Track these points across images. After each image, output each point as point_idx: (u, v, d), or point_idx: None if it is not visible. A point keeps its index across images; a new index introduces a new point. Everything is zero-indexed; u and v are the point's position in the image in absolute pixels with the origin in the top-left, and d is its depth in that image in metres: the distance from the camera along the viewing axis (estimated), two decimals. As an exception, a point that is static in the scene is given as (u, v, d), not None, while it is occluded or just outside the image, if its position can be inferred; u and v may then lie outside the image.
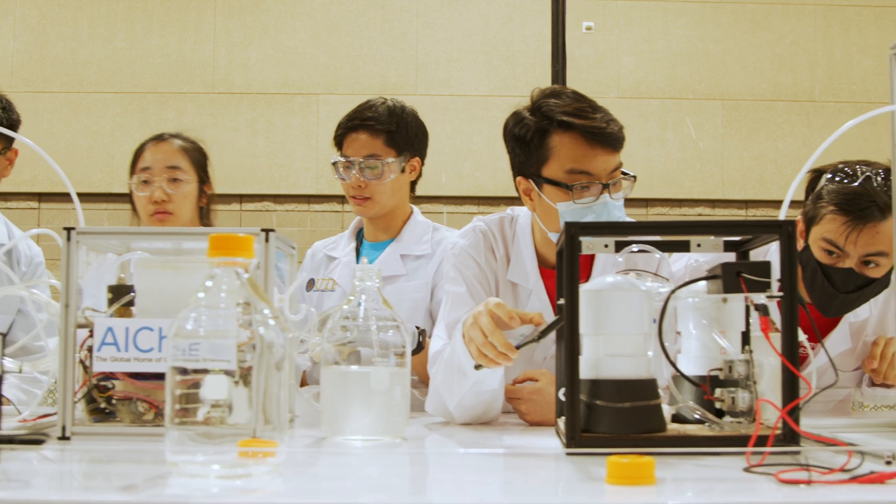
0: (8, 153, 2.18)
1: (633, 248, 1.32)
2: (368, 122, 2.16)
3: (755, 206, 4.69)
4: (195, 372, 1.05)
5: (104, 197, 4.54)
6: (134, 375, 1.37)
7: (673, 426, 1.33)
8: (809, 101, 4.70)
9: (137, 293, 1.40)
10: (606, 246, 1.34)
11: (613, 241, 1.35)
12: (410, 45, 4.73)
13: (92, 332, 1.36)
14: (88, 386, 1.38)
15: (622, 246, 1.35)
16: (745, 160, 4.69)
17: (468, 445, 1.43)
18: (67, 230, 1.36)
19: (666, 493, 0.99)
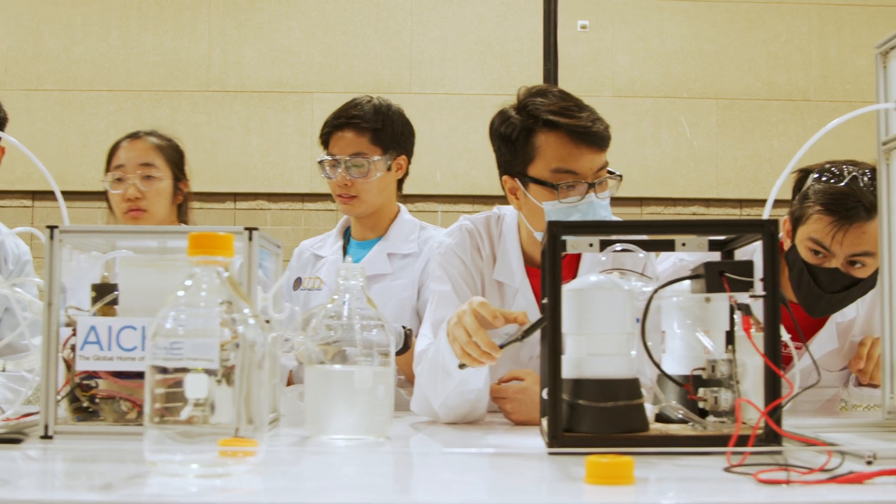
0: None
1: (616, 247, 1.32)
2: (354, 120, 2.16)
3: (749, 205, 4.69)
4: (176, 371, 1.05)
5: (98, 195, 4.51)
6: (117, 374, 1.36)
7: (656, 426, 1.32)
8: (804, 100, 4.70)
9: (121, 292, 1.40)
10: (591, 245, 1.34)
11: (598, 240, 1.34)
12: (405, 43, 4.72)
13: (75, 330, 1.36)
14: (71, 385, 1.38)
15: (607, 245, 1.35)
16: (739, 159, 4.69)
17: (452, 445, 1.43)
18: (50, 228, 1.36)
19: (644, 492, 0.98)
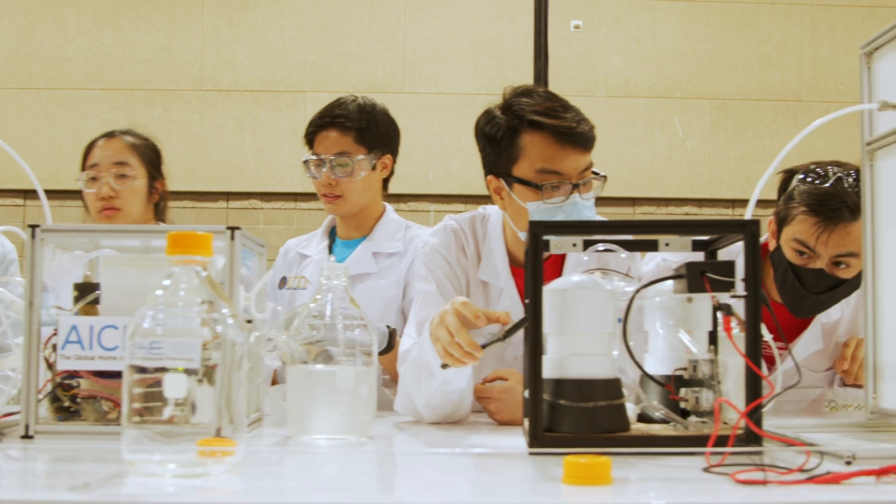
0: None
1: (599, 247, 1.31)
2: (338, 119, 2.16)
3: (742, 205, 4.69)
4: (156, 371, 1.05)
5: (90, 194, 4.53)
6: (98, 374, 1.36)
7: (638, 426, 1.32)
8: (797, 100, 4.70)
9: (102, 291, 1.40)
10: (574, 245, 1.34)
11: (581, 240, 1.34)
12: (398, 42, 4.72)
13: (57, 329, 1.36)
14: (53, 384, 1.37)
15: (591, 245, 1.34)
16: (732, 159, 4.69)
17: (435, 445, 1.42)
18: (32, 228, 1.35)
19: (621, 493, 0.98)
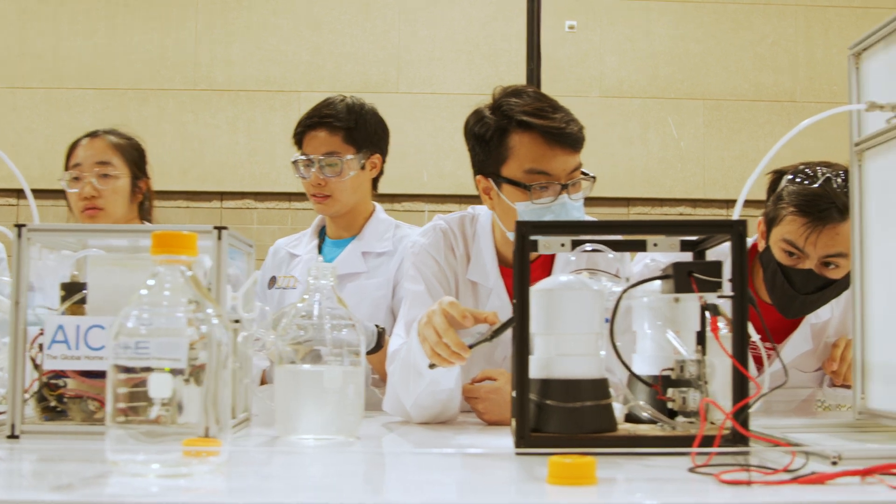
0: None
1: (587, 247, 1.31)
2: (327, 119, 2.16)
3: (743, 205, 4.69)
4: (141, 370, 1.05)
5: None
6: (85, 374, 1.36)
7: (625, 426, 1.32)
8: (790, 101, 4.71)
9: (89, 290, 1.39)
10: (563, 245, 1.34)
11: (570, 240, 1.34)
12: (393, 43, 4.72)
13: (43, 329, 1.35)
14: (39, 384, 1.37)
15: (579, 245, 1.34)
16: (726, 160, 4.70)
17: (423, 445, 1.42)
18: (18, 227, 1.35)
19: (606, 493, 0.98)
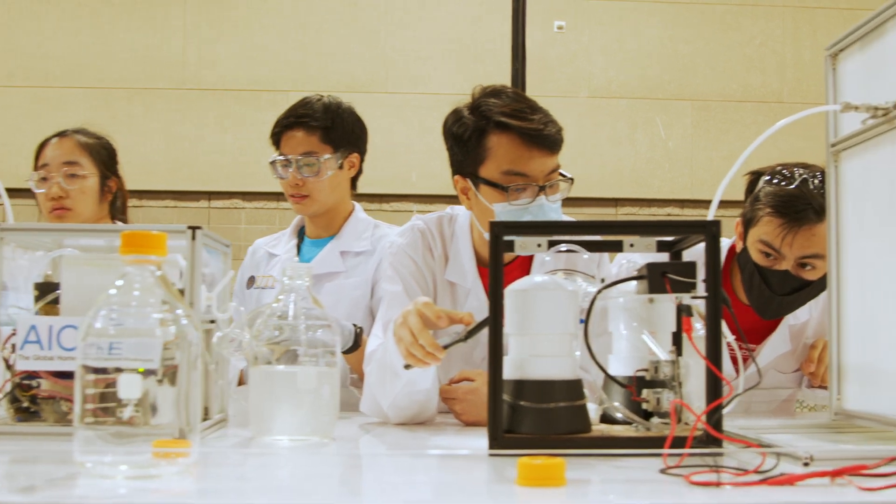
0: None
1: (560, 247, 1.31)
2: (303, 119, 2.15)
3: (724, 206, 4.61)
4: (112, 371, 1.04)
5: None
6: (58, 374, 1.35)
7: (600, 426, 1.32)
8: (778, 102, 4.72)
9: (63, 290, 1.38)
10: (539, 246, 1.34)
11: (546, 240, 1.34)
12: (380, 42, 4.71)
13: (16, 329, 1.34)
14: (12, 384, 1.36)
15: (555, 246, 1.34)
16: (714, 160, 4.70)
17: (400, 446, 1.41)
18: (-9, 226, 1.35)
19: (574, 494, 0.98)
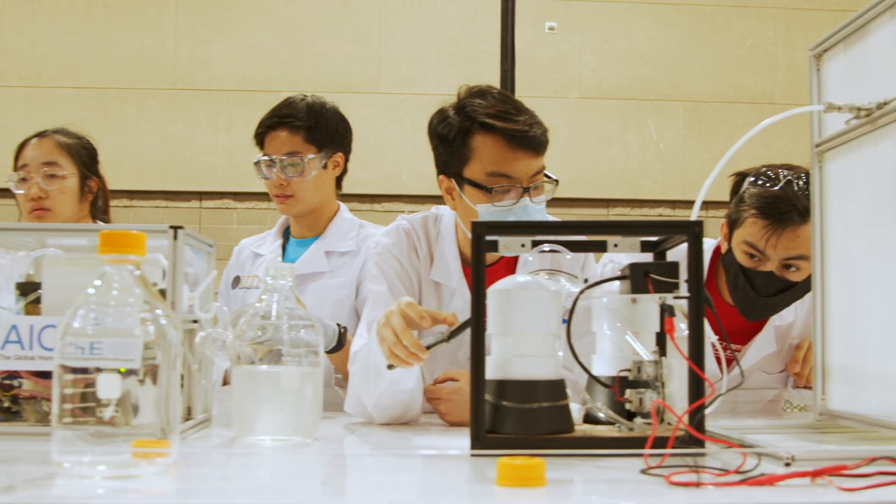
0: None
1: (543, 247, 1.31)
2: (287, 119, 2.15)
3: (715, 207, 4.69)
4: (90, 371, 1.04)
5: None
6: (39, 374, 1.35)
7: (584, 426, 1.32)
8: (769, 103, 4.72)
9: (45, 290, 1.38)
10: (523, 246, 1.33)
11: (531, 241, 1.33)
12: (373, 43, 4.71)
13: (-3, 329, 1.34)
14: (-7, 384, 1.36)
15: (539, 246, 1.34)
16: (705, 161, 4.71)
17: (383, 447, 1.41)
18: (-28, 226, 1.34)
19: (554, 495, 0.98)
